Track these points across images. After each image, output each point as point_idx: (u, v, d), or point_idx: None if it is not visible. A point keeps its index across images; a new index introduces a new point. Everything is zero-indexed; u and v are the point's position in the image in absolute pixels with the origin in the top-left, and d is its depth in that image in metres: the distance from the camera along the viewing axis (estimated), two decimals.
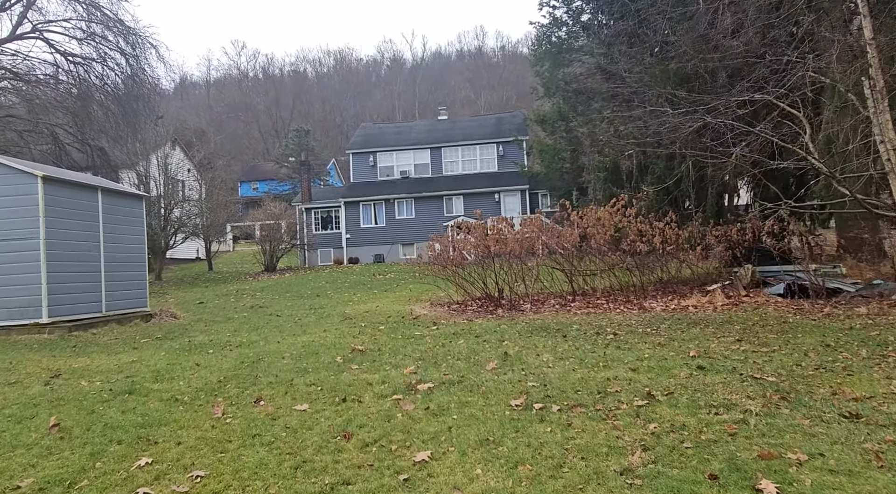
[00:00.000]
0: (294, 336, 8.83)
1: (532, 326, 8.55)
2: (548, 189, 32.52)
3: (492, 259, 10.76)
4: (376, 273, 25.41)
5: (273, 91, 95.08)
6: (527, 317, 9.69)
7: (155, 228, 27.64)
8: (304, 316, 11.90)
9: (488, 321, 9.53)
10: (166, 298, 20.06)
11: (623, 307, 10.42)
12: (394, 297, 15.17)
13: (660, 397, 4.83)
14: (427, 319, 10.22)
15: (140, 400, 5.41)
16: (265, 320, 11.39)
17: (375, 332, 8.81)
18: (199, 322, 11.33)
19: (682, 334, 7.46)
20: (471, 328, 8.70)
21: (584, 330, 8.01)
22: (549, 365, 6.09)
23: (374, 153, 36.25)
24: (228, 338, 8.97)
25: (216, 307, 14.98)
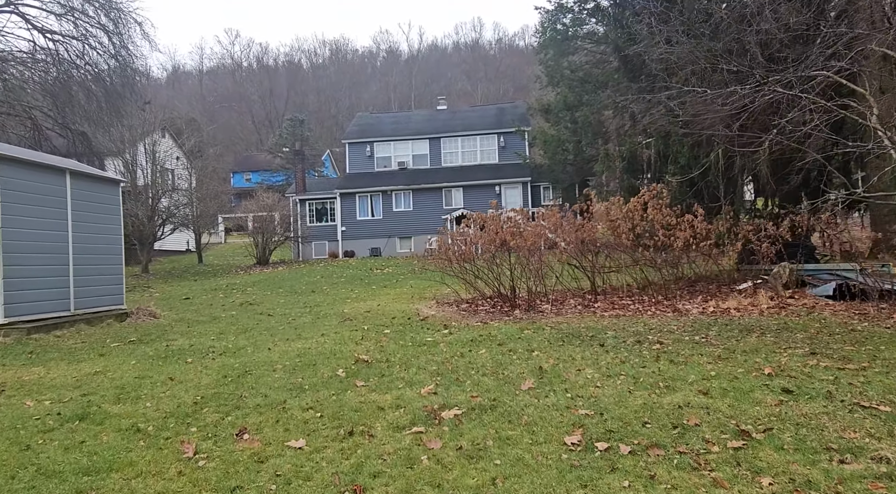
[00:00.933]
0: (287, 341, 7.73)
1: (560, 332, 7.48)
2: (550, 181, 31.47)
3: (507, 254, 9.68)
4: (373, 267, 24.31)
5: (267, 81, 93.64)
6: (549, 320, 8.62)
7: (141, 218, 26.41)
8: (298, 315, 10.79)
9: (507, 324, 8.46)
10: (151, 292, 18.91)
11: (653, 308, 9.37)
12: (395, 294, 14.08)
13: (755, 434, 3.77)
14: (436, 321, 9.14)
15: (92, 430, 4.30)
16: (255, 320, 10.28)
17: (380, 337, 7.72)
18: (181, 322, 10.20)
19: (739, 344, 6.41)
20: (489, 333, 7.62)
21: (622, 338, 6.95)
22: (597, 384, 5.03)
23: (370, 143, 35.03)
24: (212, 343, 7.85)
25: (203, 303, 13.84)
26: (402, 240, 32.76)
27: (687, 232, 10.10)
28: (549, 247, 10.39)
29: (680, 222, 10.19)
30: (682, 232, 10.28)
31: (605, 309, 9.54)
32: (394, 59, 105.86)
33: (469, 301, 11.39)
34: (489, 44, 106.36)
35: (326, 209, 33.95)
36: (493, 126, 35.06)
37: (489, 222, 9.69)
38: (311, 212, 33.96)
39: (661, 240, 9.85)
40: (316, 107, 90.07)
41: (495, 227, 9.37)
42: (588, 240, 10.89)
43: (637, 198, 9.76)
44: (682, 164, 13.03)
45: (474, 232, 10.59)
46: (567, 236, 10.18)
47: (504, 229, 9.38)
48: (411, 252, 31.89)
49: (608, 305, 10.06)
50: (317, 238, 33.11)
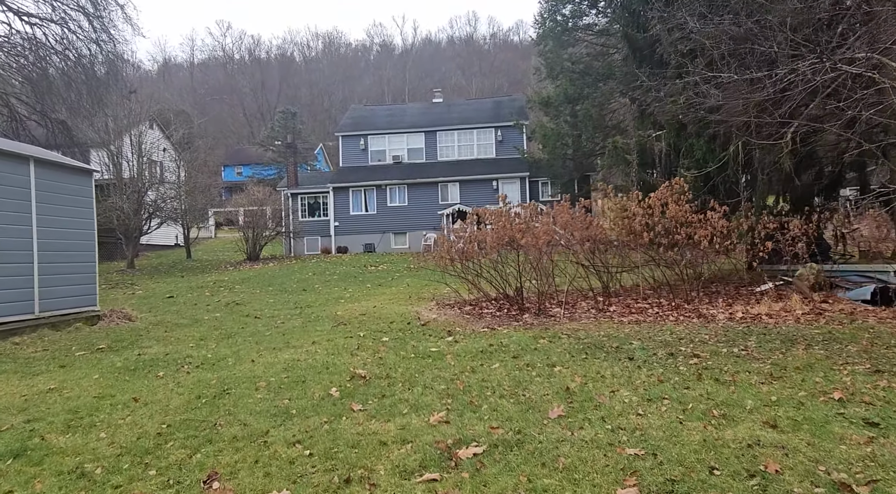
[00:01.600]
0: (274, 350, 6.90)
1: (579, 342, 6.69)
2: (549, 176, 30.73)
3: (516, 252, 8.89)
4: (367, 264, 23.48)
5: (259, 74, 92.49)
6: (563, 327, 7.84)
7: (127, 212, 25.43)
8: (287, 318, 9.96)
9: (517, 331, 7.67)
10: (134, 290, 18.01)
11: (675, 314, 8.60)
12: (391, 294, 13.26)
13: (857, 486, 3.00)
14: (439, 326, 8.34)
15: (26, 474, 3.48)
16: (240, 324, 9.43)
17: (378, 346, 6.91)
18: (159, 325, 9.33)
19: (787, 358, 5.65)
20: (500, 342, 6.82)
21: (651, 350, 6.17)
22: (638, 410, 4.24)
23: (364, 136, 34.11)
24: (190, 352, 7.02)
25: (186, 303, 12.96)
26: (396, 236, 31.93)
27: (704, 230, 9.33)
28: (556, 245, 9.59)
29: (700, 219, 9.41)
30: (703, 229, 9.50)
31: (622, 314, 8.77)
32: (387, 52, 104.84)
33: (472, 302, 10.61)
34: (483, 38, 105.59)
35: (319, 203, 33.04)
36: (491, 119, 34.25)
37: (496, 218, 8.87)
38: (304, 207, 33.04)
39: (682, 238, 9.08)
40: (308, 101, 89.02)
41: (505, 224, 8.56)
42: (599, 239, 10.11)
43: (658, 193, 8.98)
44: (698, 158, 12.26)
45: (471, 230, 9.78)
46: (579, 234, 9.39)
47: (513, 226, 8.57)
48: (407, 248, 31.08)
49: (624, 309, 9.29)
50: (309, 233, 32.21)
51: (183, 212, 30.23)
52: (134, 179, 26.71)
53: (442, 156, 33.69)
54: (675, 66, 12.19)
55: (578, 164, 29.82)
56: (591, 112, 25.73)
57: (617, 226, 9.95)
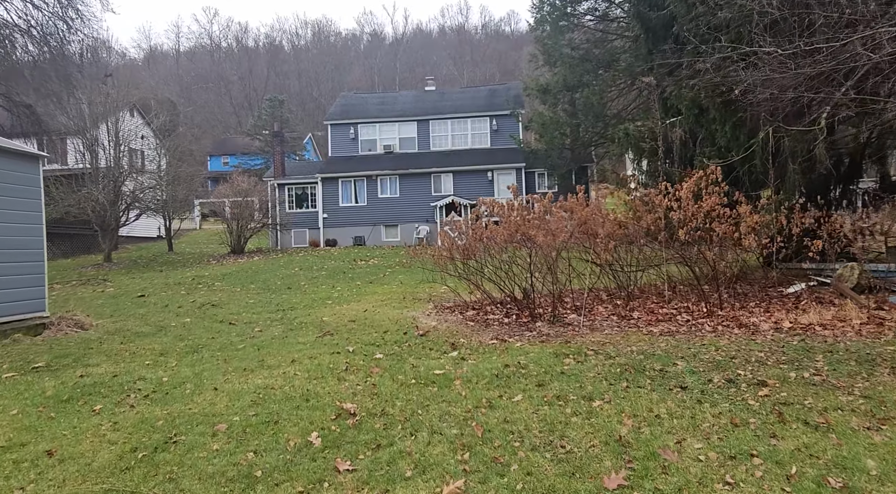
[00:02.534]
0: (245, 372, 5.72)
1: (611, 360, 5.58)
2: (546, 167, 29.59)
3: (528, 251, 7.74)
4: (357, 258, 22.30)
5: (247, 62, 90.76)
6: (586, 339, 6.73)
7: (103, 203, 24.04)
8: (267, 324, 8.78)
9: (533, 344, 6.55)
10: (105, 287, 16.73)
11: (709, 322, 7.51)
12: (384, 293, 12.12)
13: None
14: (440, 336, 7.21)
15: None
16: (212, 332, 8.24)
17: (371, 366, 5.76)
18: (117, 334, 8.12)
19: (875, 386, 4.57)
20: (516, 361, 5.69)
21: (704, 374, 5.07)
22: (726, 475, 3.14)
23: (354, 125, 32.79)
24: (144, 372, 5.83)
25: (157, 304, 11.73)
26: (387, 229, 30.74)
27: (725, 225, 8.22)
28: (578, 243, 8.47)
29: (731, 214, 8.32)
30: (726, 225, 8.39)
31: (648, 322, 7.67)
32: (378, 42, 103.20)
33: (474, 305, 9.48)
34: (475, 29, 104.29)
35: (307, 194, 31.75)
36: (485, 108, 33.05)
37: (507, 211, 7.71)
38: (291, 198, 31.72)
39: (717, 234, 7.97)
40: (297, 90, 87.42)
41: (518, 218, 7.40)
42: (617, 235, 8.98)
43: (690, 184, 7.87)
44: (721, 146, 11.17)
45: (468, 227, 8.62)
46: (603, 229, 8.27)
47: (527, 221, 7.42)
48: (398, 241, 29.90)
49: (648, 315, 8.20)
50: (296, 225, 30.93)
51: (164, 202, 28.83)
52: (111, 168, 25.29)
53: (435, 146, 32.46)
54: (695, 46, 11.05)
55: (576, 155, 28.78)
56: (592, 100, 24.59)
57: (641, 220, 8.85)
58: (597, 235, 8.00)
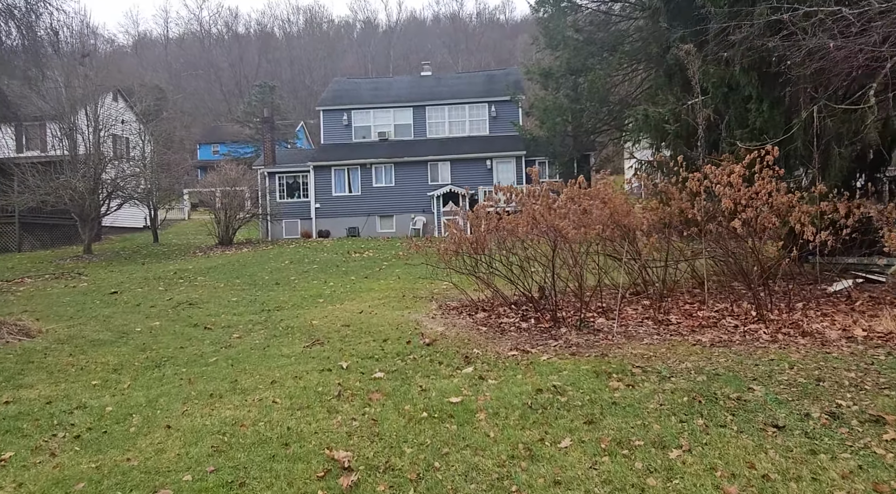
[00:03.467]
0: (211, 399, 4.58)
1: (671, 385, 4.48)
2: (547, 155, 28.46)
3: (554, 244, 6.58)
4: (351, 250, 21.15)
5: (237, 48, 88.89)
6: (626, 351, 5.63)
7: (81, 191, 22.71)
8: (248, 329, 7.64)
9: (562, 357, 5.45)
10: (78, 281, 15.52)
11: (764, 328, 6.43)
12: (381, 290, 11.00)
13: None
14: (449, 346, 6.10)
15: None
16: (182, 340, 7.09)
17: (369, 390, 4.64)
18: (68, 343, 6.94)
19: None
20: (548, 384, 4.58)
21: (796, 405, 3.97)
22: None
23: (348, 111, 31.46)
24: (86, 398, 4.69)
25: (128, 303, 10.55)
26: (382, 219, 29.54)
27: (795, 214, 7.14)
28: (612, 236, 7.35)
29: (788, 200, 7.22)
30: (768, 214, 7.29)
31: (691, 328, 6.58)
32: (371, 29, 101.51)
33: (484, 306, 8.37)
34: (469, 17, 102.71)
35: (299, 183, 30.46)
36: (483, 94, 31.78)
37: (528, 199, 6.55)
38: (282, 187, 30.45)
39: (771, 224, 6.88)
40: (289, 77, 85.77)
41: (544, 207, 6.23)
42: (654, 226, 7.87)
43: (741, 167, 6.76)
44: (755, 128, 10.06)
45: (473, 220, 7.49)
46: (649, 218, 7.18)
47: (553, 209, 6.26)
48: (393, 232, 28.73)
49: (685, 318, 7.12)
50: (288, 215, 29.66)
51: (147, 191, 27.51)
52: (90, 155, 23.94)
53: (431, 133, 31.20)
54: (726, 14, 9.90)
55: (578, 143, 27.63)
56: (597, 84, 23.42)
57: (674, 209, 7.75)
58: (631, 227, 6.89)
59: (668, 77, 13.39)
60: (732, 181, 6.60)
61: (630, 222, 6.95)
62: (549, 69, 25.43)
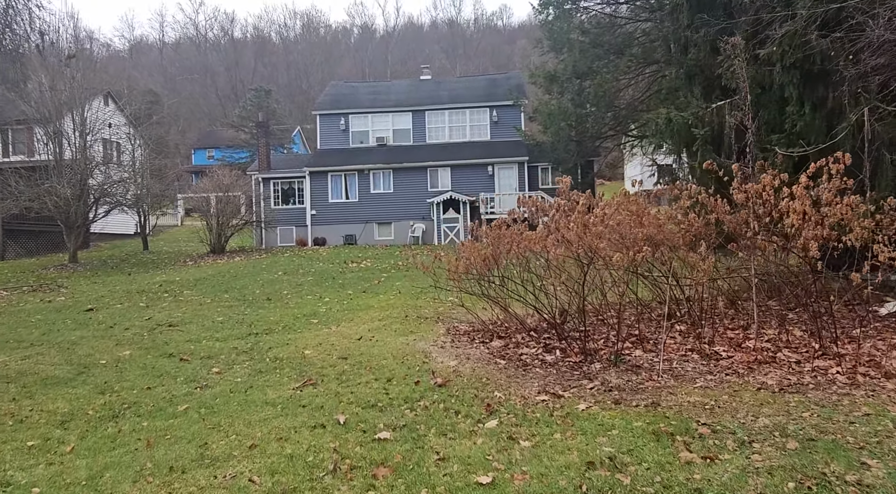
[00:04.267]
0: (171, 474, 3.58)
1: (757, 455, 3.51)
2: (551, 161, 27.58)
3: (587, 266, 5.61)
4: (348, 259, 20.18)
5: (233, 53, 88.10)
6: (679, 398, 4.67)
7: (65, 197, 21.70)
8: (230, 362, 6.65)
9: (605, 407, 4.50)
10: (56, 295, 14.51)
11: (834, 365, 5.48)
12: (380, 308, 10.03)
13: None
14: (466, 388, 5.14)
15: None
16: (150, 377, 6.09)
17: (371, 459, 3.66)
18: (15, 382, 5.84)
19: None
20: (600, 452, 3.62)
21: None
22: None
23: (345, 115, 30.51)
24: (11, 470, 3.70)
25: (101, 323, 9.54)
26: (380, 227, 28.60)
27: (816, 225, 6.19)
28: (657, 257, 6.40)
29: None
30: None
31: (747, 365, 5.62)
32: (369, 34, 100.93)
33: (498, 330, 7.41)
34: (467, 23, 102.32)
35: (294, 189, 29.50)
36: (485, 98, 30.87)
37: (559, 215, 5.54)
38: (277, 193, 29.47)
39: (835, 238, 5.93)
40: (286, 82, 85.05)
41: (580, 225, 5.24)
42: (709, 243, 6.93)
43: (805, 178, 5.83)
44: (795, 132, 9.15)
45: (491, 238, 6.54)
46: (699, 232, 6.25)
47: (588, 226, 5.28)
48: (392, 240, 27.77)
49: (733, 349, 6.17)
50: (282, 222, 28.70)
51: (137, 197, 26.50)
52: (77, 160, 22.94)
53: (431, 139, 30.28)
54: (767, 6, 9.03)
55: (583, 148, 26.75)
56: (604, 88, 22.56)
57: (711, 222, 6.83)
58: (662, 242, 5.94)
59: (689, 78, 12.49)
60: (797, 193, 5.66)
61: (661, 236, 6.00)
62: (554, 72, 24.59)
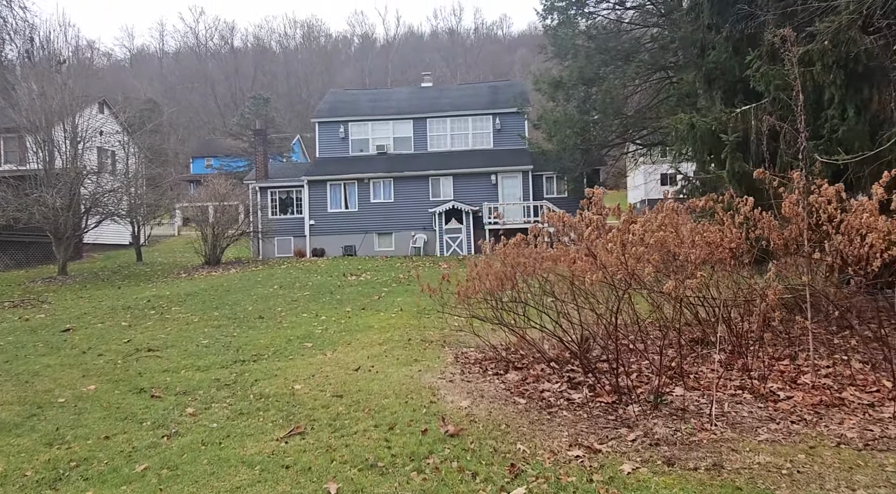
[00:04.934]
0: None
1: None
2: (555, 170, 26.80)
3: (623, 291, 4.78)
4: (347, 271, 19.34)
5: (233, 61, 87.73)
6: (745, 457, 3.83)
7: (53, 207, 20.90)
8: (206, 401, 5.80)
9: (654, 469, 3.66)
10: (36, 312, 13.67)
11: None
12: (381, 328, 9.19)
13: None
14: (482, 440, 4.30)
15: None
16: (111, 422, 5.24)
17: None
18: None
19: None
20: None
21: None
22: None
23: (345, 123, 29.79)
24: None
25: (75, 347, 8.69)
26: (381, 237, 27.81)
27: None
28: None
29: None
30: None
31: (811, 407, 4.78)
32: (369, 44, 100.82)
33: (513, 360, 6.57)
34: (467, 32, 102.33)
35: (292, 199, 28.72)
36: (488, 106, 30.15)
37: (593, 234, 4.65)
38: (274, 202, 28.69)
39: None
40: (286, 91, 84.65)
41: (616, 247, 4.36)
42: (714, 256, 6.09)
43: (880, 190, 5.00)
44: (836, 139, 8.34)
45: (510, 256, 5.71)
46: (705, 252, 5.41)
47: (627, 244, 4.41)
48: (392, 251, 26.96)
49: (788, 385, 5.32)
50: (280, 233, 27.91)
51: (130, 206, 25.70)
52: (66, 169, 22.16)
53: (433, 147, 29.54)
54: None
55: (588, 157, 25.97)
56: (612, 94, 21.81)
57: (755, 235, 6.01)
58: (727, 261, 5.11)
59: (708, 82, 11.71)
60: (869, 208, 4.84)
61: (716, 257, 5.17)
62: (560, 79, 23.82)
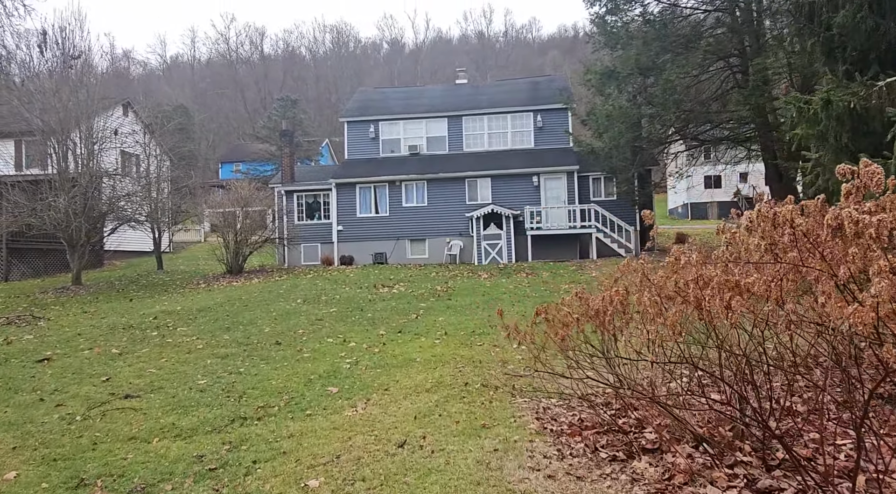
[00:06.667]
0: None
1: None
2: (603, 170, 24.48)
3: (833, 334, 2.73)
4: (378, 282, 17.40)
5: (263, 67, 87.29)
6: None
7: (65, 213, 19.46)
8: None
9: None
10: (30, 330, 12.02)
11: None
12: (425, 361, 7.17)
13: None
14: None
15: None
16: None
17: None
18: None
19: None
20: None
21: None
22: None
23: (375, 122, 27.98)
24: None
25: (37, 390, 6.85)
26: (413, 244, 25.83)
27: None
28: None
29: None
30: None
31: None
32: (398, 49, 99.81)
33: (625, 426, 4.47)
34: (496, 36, 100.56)
35: (319, 203, 26.99)
36: (528, 102, 27.98)
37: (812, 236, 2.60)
38: (301, 207, 26.98)
39: None
40: (315, 95, 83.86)
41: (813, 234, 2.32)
42: None
43: None
44: None
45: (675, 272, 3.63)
46: None
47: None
48: (426, 258, 25.00)
49: None
50: (307, 239, 26.19)
51: (150, 212, 24.27)
52: (81, 173, 20.74)
53: (469, 147, 27.51)
54: None
55: (640, 156, 23.44)
56: (675, 84, 19.43)
57: None
58: None
59: (828, 53, 9.46)
60: None
61: None
62: (613, 68, 21.55)
